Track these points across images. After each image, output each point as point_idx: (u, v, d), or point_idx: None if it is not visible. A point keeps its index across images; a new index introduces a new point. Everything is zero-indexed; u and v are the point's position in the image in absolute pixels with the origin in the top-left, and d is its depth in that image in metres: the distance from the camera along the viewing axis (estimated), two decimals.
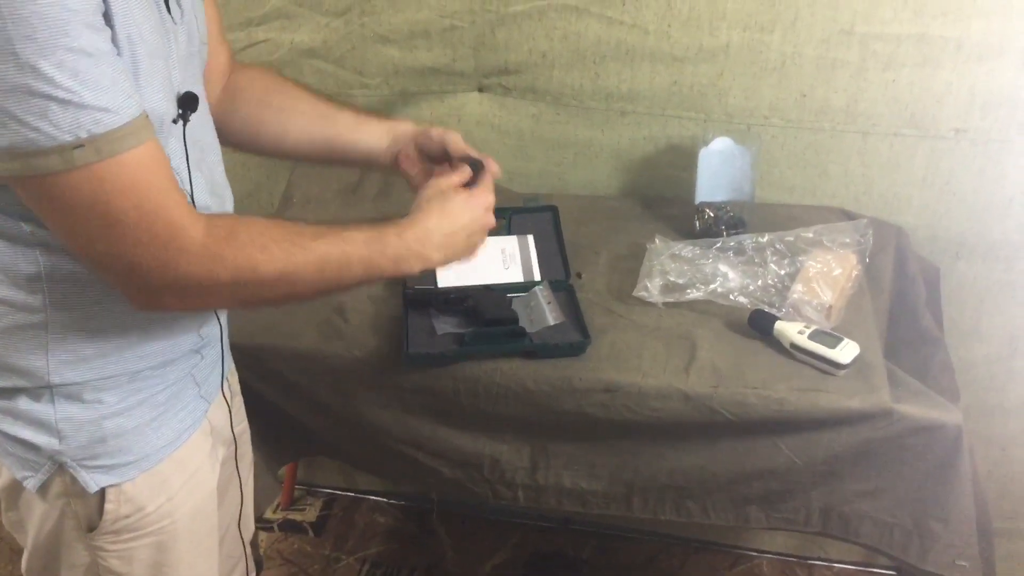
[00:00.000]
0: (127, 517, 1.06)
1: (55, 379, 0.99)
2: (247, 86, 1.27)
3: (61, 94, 0.78)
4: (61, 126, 0.79)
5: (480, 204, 1.17)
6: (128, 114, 0.83)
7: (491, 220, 1.18)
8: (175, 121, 0.98)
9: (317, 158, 1.30)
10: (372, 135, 1.28)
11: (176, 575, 1.14)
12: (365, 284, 1.10)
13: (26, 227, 0.91)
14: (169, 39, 0.96)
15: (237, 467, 1.31)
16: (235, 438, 1.28)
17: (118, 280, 0.92)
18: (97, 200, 0.84)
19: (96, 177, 0.83)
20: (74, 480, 1.03)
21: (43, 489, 1.04)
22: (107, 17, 0.83)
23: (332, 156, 1.29)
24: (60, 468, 1.02)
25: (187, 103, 0.99)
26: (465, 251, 1.17)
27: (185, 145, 1.00)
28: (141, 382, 1.05)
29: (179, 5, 1.00)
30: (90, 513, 1.05)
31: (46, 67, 0.77)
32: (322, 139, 1.28)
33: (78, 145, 0.80)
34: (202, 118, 1.07)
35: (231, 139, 1.24)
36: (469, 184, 1.19)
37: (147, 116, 0.87)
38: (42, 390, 1.00)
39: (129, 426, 1.04)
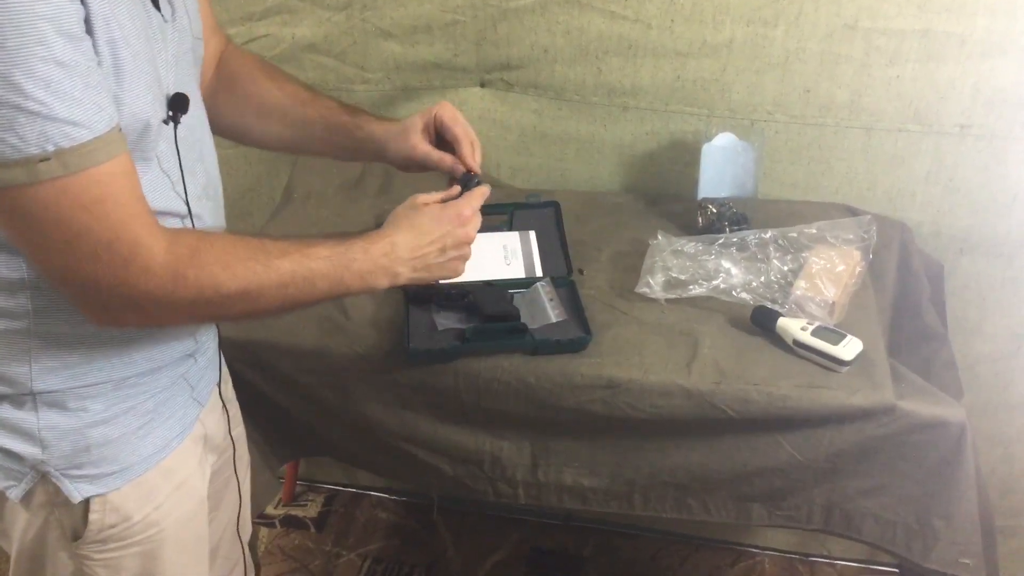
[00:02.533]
0: (113, 527, 1.05)
1: (38, 386, 0.98)
2: (226, 87, 1.25)
3: (31, 105, 0.77)
4: (28, 139, 0.78)
5: (452, 217, 1.14)
6: (98, 128, 0.82)
7: (468, 234, 1.15)
8: (165, 123, 0.96)
9: (297, 154, 1.29)
10: (342, 147, 1.29)
11: None
12: (335, 298, 1.09)
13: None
14: (158, 39, 0.95)
15: (236, 470, 1.30)
16: (233, 441, 1.27)
17: (76, 296, 0.91)
18: (60, 215, 0.82)
19: (60, 191, 0.81)
20: (58, 490, 1.01)
21: (26, 499, 1.03)
22: (88, 23, 0.81)
23: (310, 155, 1.30)
24: (43, 477, 1.01)
25: (177, 104, 0.97)
26: (440, 267, 1.14)
27: (177, 147, 0.99)
28: (128, 389, 1.04)
29: (170, 3, 0.98)
30: (75, 522, 1.04)
31: (17, 76, 0.75)
32: (295, 148, 1.29)
33: (44, 158, 0.79)
34: (195, 118, 1.06)
35: (216, 130, 1.22)
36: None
37: (119, 130, 0.85)
38: (25, 397, 0.98)
39: (114, 435, 1.03)
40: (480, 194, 1.19)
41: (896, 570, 2.04)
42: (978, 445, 1.33)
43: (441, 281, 1.19)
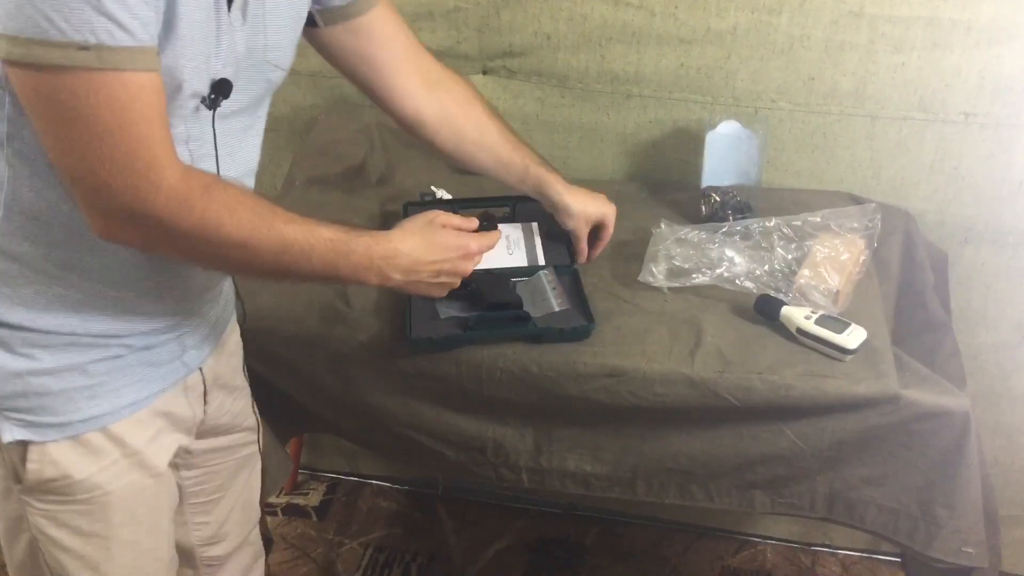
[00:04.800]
0: (53, 480, 1.06)
1: None
2: (444, 119, 1.36)
3: None
4: (73, 23, 0.80)
5: (459, 247, 1.20)
6: (141, 38, 0.84)
7: (466, 268, 1.23)
8: (207, 105, 0.98)
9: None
10: (511, 184, 1.44)
11: (108, 547, 1.13)
12: (324, 282, 1.12)
13: (3, 144, 0.92)
14: (221, 33, 0.96)
15: (260, 454, 1.33)
16: (258, 419, 1.31)
17: (85, 197, 0.91)
18: (87, 109, 0.84)
19: (92, 85, 0.83)
20: None
21: None
22: None
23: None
24: None
25: (219, 88, 0.98)
26: (428, 286, 1.20)
27: (214, 130, 1.00)
28: (80, 348, 1.04)
29: (243, 12, 0.99)
30: (15, 465, 1.05)
31: None
32: (494, 175, 1.43)
33: (84, 47, 0.81)
34: (241, 120, 1.07)
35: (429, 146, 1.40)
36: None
37: (156, 53, 0.87)
38: None
39: (56, 387, 1.03)
40: (493, 238, 1.28)
41: (899, 559, 2.04)
42: (981, 434, 1.33)
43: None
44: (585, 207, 1.44)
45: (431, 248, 1.18)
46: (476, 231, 1.25)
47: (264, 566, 1.50)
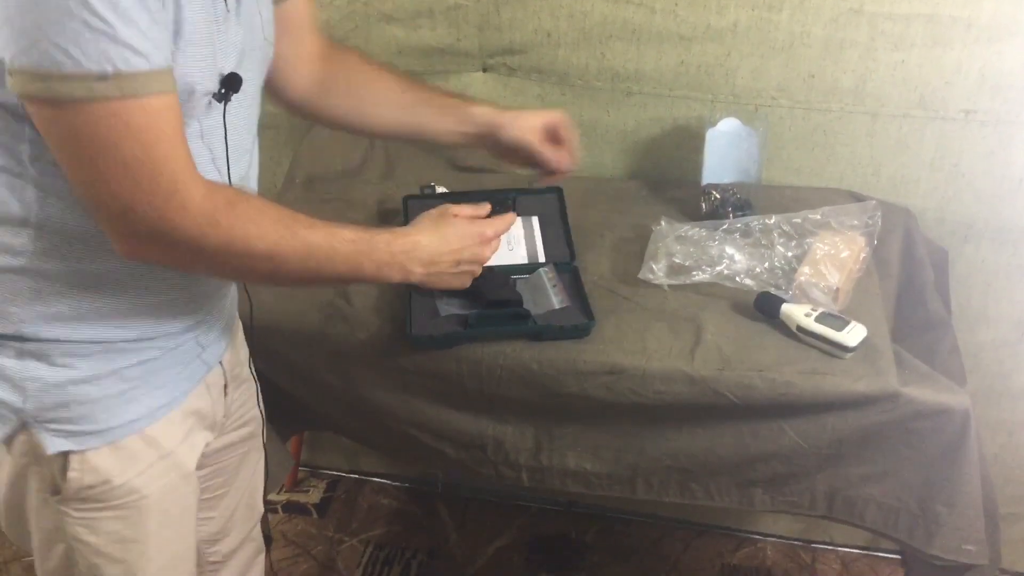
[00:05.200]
0: (92, 487, 1.06)
1: (27, 330, 0.99)
2: (338, 80, 1.32)
3: (97, 23, 0.79)
4: (89, 55, 0.80)
5: (475, 234, 1.22)
6: (156, 61, 0.84)
7: (485, 254, 1.24)
8: (217, 99, 0.98)
9: (404, 141, 1.43)
10: (449, 130, 1.37)
11: (145, 551, 1.13)
12: (346, 283, 1.13)
13: (32, 170, 0.92)
14: (220, 23, 0.96)
15: (264, 448, 1.34)
16: (262, 413, 1.32)
17: (110, 221, 0.92)
18: (109, 137, 0.85)
19: (112, 114, 0.84)
20: (37, 440, 1.03)
21: (9, 443, 1.04)
22: None
23: (418, 141, 1.42)
24: (24, 426, 1.02)
25: (230, 83, 0.99)
26: (451, 277, 1.22)
27: (225, 124, 1.01)
28: (116, 354, 1.04)
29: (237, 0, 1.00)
30: (54, 476, 1.05)
31: None
32: (406, 131, 1.38)
33: (102, 77, 0.81)
34: (248, 109, 1.08)
35: (327, 123, 1.38)
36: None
37: (172, 72, 0.88)
38: (11, 343, 1.00)
39: (96, 395, 1.03)
40: (508, 220, 1.29)
41: (899, 556, 2.04)
42: (981, 432, 1.33)
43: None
44: (530, 118, 1.38)
45: (448, 238, 1.19)
46: (489, 216, 1.26)
47: (265, 562, 1.50)
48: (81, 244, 0.97)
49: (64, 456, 1.04)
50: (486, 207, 1.28)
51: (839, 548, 2.15)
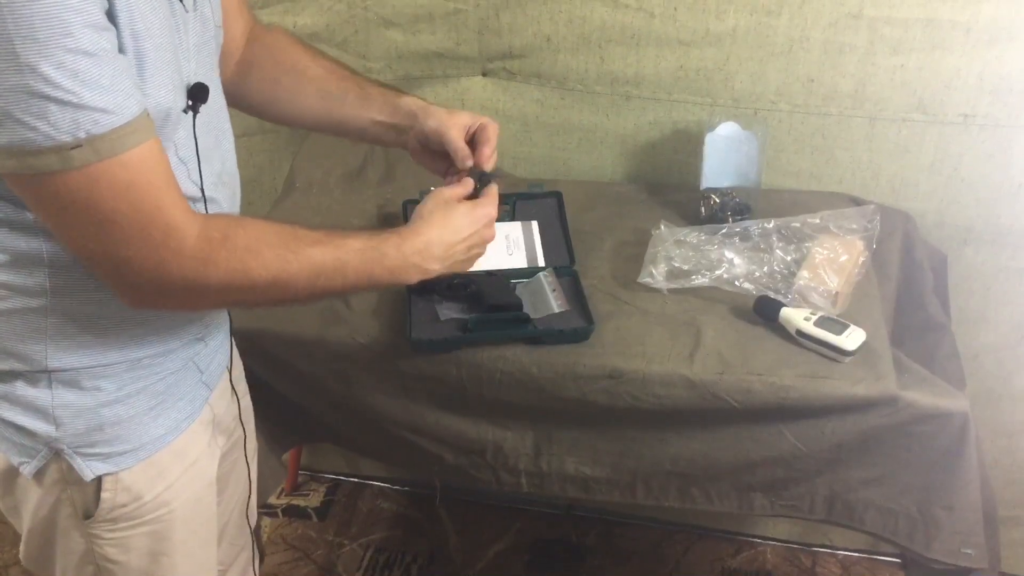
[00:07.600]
0: (124, 506, 1.06)
1: (53, 364, 0.98)
2: (259, 62, 1.27)
3: (60, 95, 0.77)
4: (60, 126, 0.78)
5: (483, 217, 1.19)
6: (128, 114, 0.83)
7: (492, 233, 1.21)
8: (185, 112, 0.97)
9: (328, 132, 1.32)
10: (372, 120, 1.28)
11: (173, 564, 1.13)
12: (363, 291, 1.09)
13: (29, 215, 0.91)
14: (180, 29, 0.95)
15: (246, 456, 1.31)
16: (243, 425, 1.29)
17: (109, 278, 0.92)
18: (93, 200, 0.84)
19: (93, 177, 0.82)
20: (71, 467, 1.02)
21: (39, 475, 1.04)
22: (111, 15, 0.82)
23: (341, 134, 1.31)
24: (56, 455, 1.02)
25: (197, 94, 0.98)
26: (463, 263, 1.19)
27: (195, 135, 0.99)
28: (141, 370, 1.05)
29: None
30: (86, 500, 1.05)
31: (46, 68, 0.76)
32: (325, 121, 1.29)
33: (76, 145, 0.80)
34: (215, 105, 1.07)
35: (245, 109, 1.27)
36: (472, 196, 1.21)
37: (148, 115, 0.86)
38: (40, 375, 0.99)
39: (127, 414, 1.04)
40: (495, 193, 1.24)
41: (898, 560, 2.04)
42: (980, 435, 1.33)
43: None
44: (458, 114, 1.28)
45: (459, 228, 1.16)
46: (474, 191, 1.23)
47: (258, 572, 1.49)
48: (93, 276, 0.97)
49: (98, 479, 1.04)
50: (470, 183, 1.23)
51: (839, 551, 2.15)
